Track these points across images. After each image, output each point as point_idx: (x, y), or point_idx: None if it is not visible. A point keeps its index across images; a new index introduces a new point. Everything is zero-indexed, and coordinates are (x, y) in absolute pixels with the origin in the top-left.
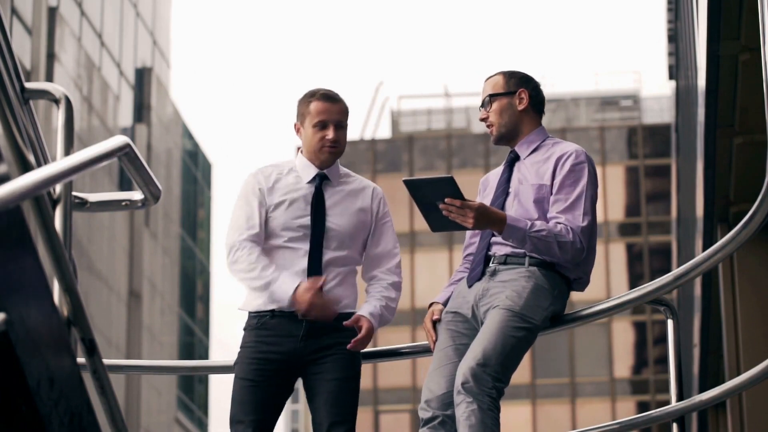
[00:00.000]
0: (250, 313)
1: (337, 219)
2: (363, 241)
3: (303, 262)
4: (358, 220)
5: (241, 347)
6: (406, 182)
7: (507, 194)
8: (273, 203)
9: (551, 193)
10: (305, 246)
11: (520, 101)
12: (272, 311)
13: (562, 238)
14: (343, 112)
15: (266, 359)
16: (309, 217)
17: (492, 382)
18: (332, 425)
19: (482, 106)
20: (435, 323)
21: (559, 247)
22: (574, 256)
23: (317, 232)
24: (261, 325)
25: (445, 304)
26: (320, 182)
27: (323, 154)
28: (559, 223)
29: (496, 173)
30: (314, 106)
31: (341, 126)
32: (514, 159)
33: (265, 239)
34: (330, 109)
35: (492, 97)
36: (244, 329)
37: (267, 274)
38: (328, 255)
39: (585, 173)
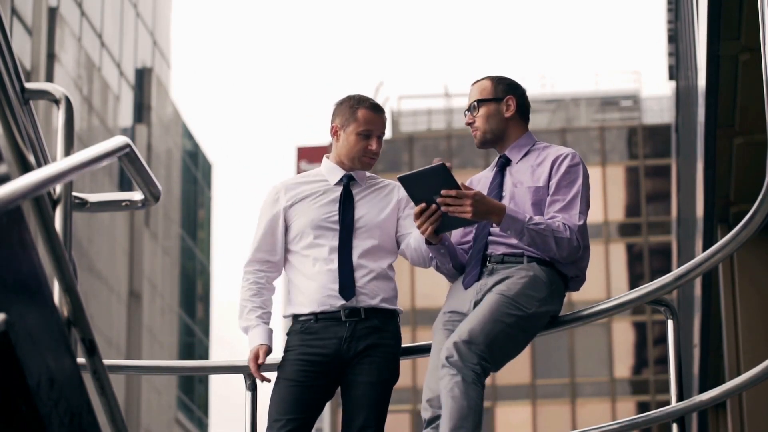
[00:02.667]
0: (294, 317)
1: (364, 210)
2: (393, 233)
3: (333, 259)
4: (385, 210)
5: (285, 351)
6: (401, 179)
7: (501, 198)
8: (297, 200)
9: (548, 194)
10: (332, 242)
11: (507, 108)
12: (316, 315)
13: (560, 234)
14: (385, 123)
15: (310, 361)
16: (337, 213)
17: (477, 359)
18: (361, 429)
19: (469, 110)
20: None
21: (556, 243)
22: (570, 253)
23: (346, 224)
24: (305, 329)
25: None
26: (348, 182)
27: (362, 162)
28: (558, 220)
29: (482, 177)
30: (362, 114)
31: (381, 137)
32: (504, 163)
33: (291, 241)
34: (377, 120)
35: (480, 102)
36: (288, 334)
37: (250, 317)
38: (359, 248)
39: (580, 174)
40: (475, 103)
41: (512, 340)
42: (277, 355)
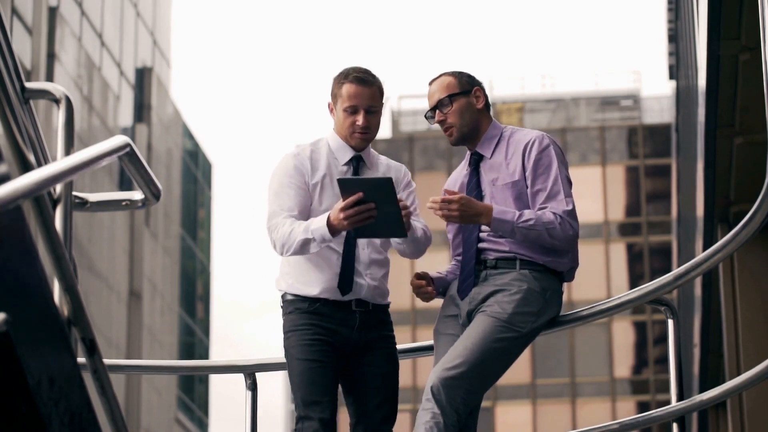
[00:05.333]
0: (297, 297)
1: None
2: None
3: (341, 246)
4: None
5: (291, 330)
6: (340, 181)
7: (481, 198)
8: (313, 184)
9: (527, 186)
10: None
11: (477, 99)
12: (325, 299)
13: (551, 225)
14: (375, 95)
15: (327, 341)
16: None
17: (461, 397)
18: (383, 420)
19: (437, 108)
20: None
21: (550, 235)
22: (567, 241)
23: None
24: (314, 310)
25: (439, 288)
26: (357, 164)
27: (354, 139)
28: (547, 211)
29: (458, 177)
30: (346, 89)
31: (372, 110)
32: (478, 160)
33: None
34: (361, 94)
35: (452, 97)
36: (290, 312)
37: (301, 224)
38: (372, 244)
39: (553, 156)
40: (446, 99)
41: (504, 360)
42: (275, 354)
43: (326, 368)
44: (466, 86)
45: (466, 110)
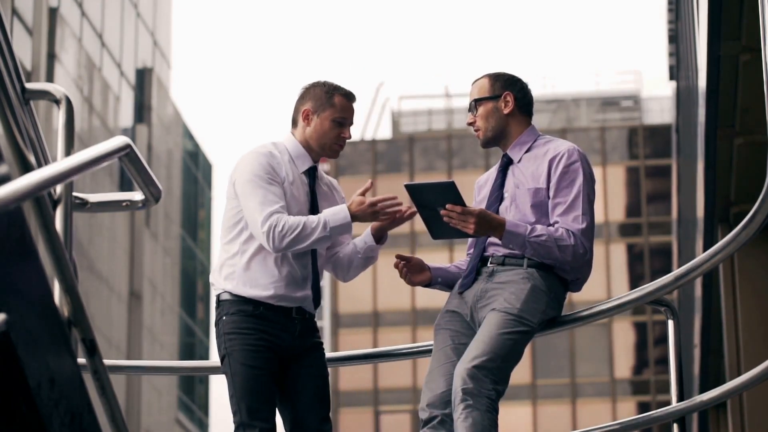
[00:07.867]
0: (239, 299)
1: None
2: None
3: (302, 260)
4: None
5: (234, 332)
6: (407, 186)
7: (501, 200)
8: (283, 181)
9: (548, 197)
10: None
11: (506, 105)
12: (269, 304)
13: (563, 242)
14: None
15: (271, 348)
16: (308, 211)
17: (491, 384)
18: (322, 420)
19: (470, 110)
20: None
21: (560, 251)
22: (576, 260)
23: None
24: (260, 314)
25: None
26: (313, 175)
27: (332, 150)
28: (560, 227)
29: (489, 177)
30: (339, 101)
31: (351, 126)
32: (507, 163)
33: None
34: (351, 109)
35: (477, 101)
36: (232, 314)
37: (313, 218)
38: (320, 255)
39: (580, 173)
40: (473, 103)
41: (518, 354)
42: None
43: (269, 376)
44: (496, 91)
45: (491, 115)
